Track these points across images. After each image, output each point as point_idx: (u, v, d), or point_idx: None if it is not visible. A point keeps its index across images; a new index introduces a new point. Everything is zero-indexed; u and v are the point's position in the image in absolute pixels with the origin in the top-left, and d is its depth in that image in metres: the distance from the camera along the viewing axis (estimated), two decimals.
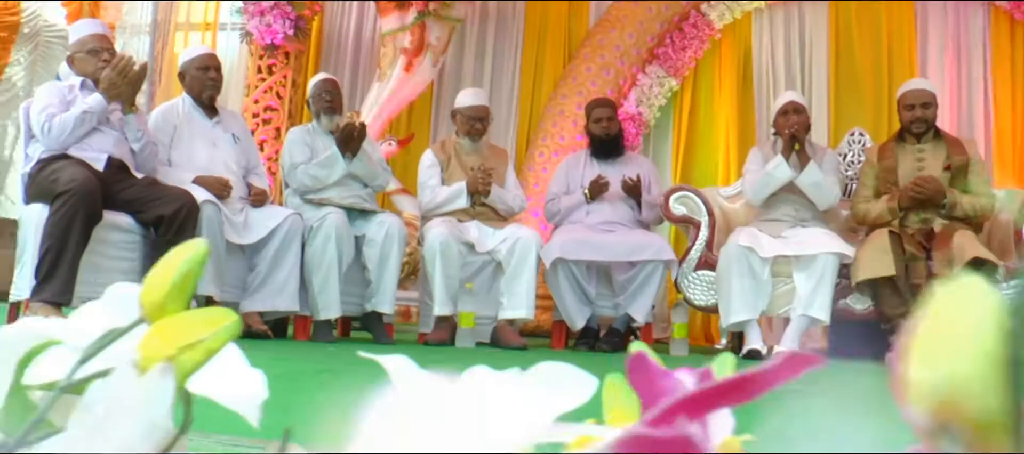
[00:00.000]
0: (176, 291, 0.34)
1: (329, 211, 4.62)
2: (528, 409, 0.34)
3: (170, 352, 0.32)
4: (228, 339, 0.33)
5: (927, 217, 4.72)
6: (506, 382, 0.37)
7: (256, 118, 6.58)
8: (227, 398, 0.36)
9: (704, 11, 6.56)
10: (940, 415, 0.22)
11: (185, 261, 0.35)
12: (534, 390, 0.36)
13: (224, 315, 0.33)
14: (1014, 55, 6.27)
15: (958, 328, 0.23)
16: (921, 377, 0.23)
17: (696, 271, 4.94)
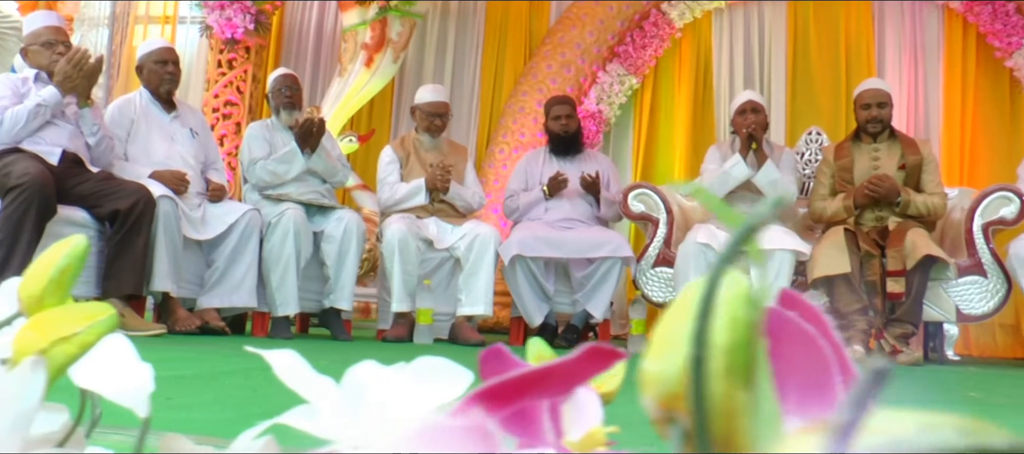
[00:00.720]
0: (54, 285, 0.34)
1: (287, 207, 4.60)
2: (406, 402, 0.35)
3: (43, 345, 0.32)
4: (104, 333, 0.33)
5: (882, 215, 4.80)
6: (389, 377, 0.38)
7: (216, 113, 6.54)
8: (113, 391, 0.36)
9: (664, 10, 6.61)
10: (665, 406, 0.23)
11: (64, 256, 0.35)
12: (413, 384, 0.36)
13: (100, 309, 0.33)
14: (965, 57, 6.38)
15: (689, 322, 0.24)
16: (652, 369, 0.24)
17: (654, 268, 4.97)
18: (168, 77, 4.68)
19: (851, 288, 4.54)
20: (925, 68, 6.46)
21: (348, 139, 6.44)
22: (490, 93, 7.00)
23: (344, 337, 4.65)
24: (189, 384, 2.15)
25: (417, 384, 0.36)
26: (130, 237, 4.04)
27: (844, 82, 6.40)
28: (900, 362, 4.38)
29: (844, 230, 4.61)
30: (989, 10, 6.15)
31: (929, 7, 6.47)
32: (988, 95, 6.37)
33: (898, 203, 4.68)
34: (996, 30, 6.16)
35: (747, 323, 0.23)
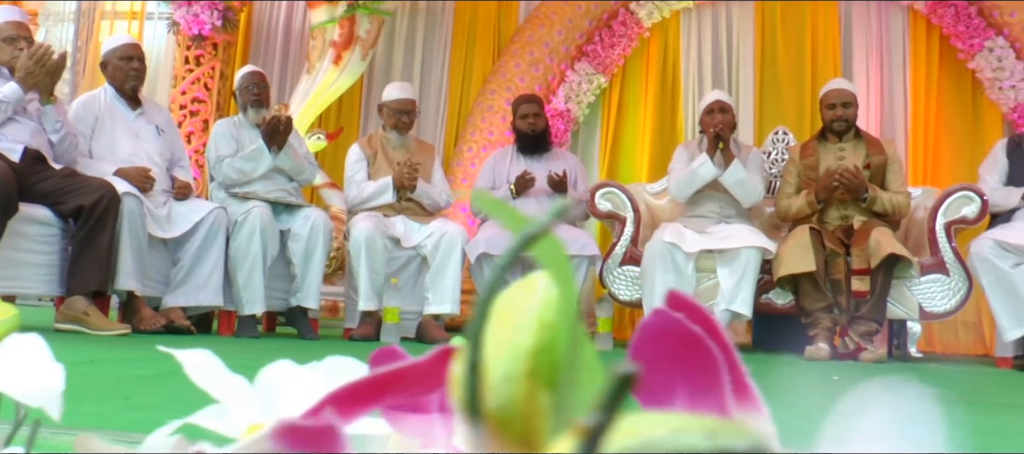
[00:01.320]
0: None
1: (254, 205, 4.58)
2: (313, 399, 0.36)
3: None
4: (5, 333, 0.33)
5: (847, 214, 4.85)
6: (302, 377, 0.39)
7: (184, 110, 6.49)
8: (22, 392, 0.36)
9: (633, 10, 6.63)
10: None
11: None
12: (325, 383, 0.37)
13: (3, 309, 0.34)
14: (929, 58, 6.45)
15: (498, 327, 0.24)
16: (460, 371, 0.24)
17: (621, 266, 4.99)
18: (133, 74, 4.64)
19: (816, 286, 4.58)
20: (890, 69, 6.53)
21: (316, 137, 6.41)
22: (458, 91, 7.00)
23: (311, 336, 4.63)
24: (149, 384, 2.14)
25: (329, 383, 0.37)
26: (95, 233, 4.00)
27: (810, 82, 6.45)
28: (864, 359, 4.43)
29: (809, 229, 4.66)
30: (952, 12, 6.23)
31: (894, 8, 6.53)
32: (951, 96, 6.45)
33: (865, 199, 4.74)
34: (959, 32, 6.24)
35: (554, 327, 0.24)
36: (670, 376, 0.30)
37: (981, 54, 6.19)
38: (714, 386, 0.30)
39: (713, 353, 0.30)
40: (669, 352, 0.30)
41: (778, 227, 5.20)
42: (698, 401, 0.30)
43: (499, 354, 0.23)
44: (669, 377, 0.30)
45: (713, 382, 0.30)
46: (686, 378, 0.30)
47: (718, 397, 0.30)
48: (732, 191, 4.88)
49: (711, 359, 0.30)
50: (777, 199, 5.14)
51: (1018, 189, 4.77)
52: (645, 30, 6.67)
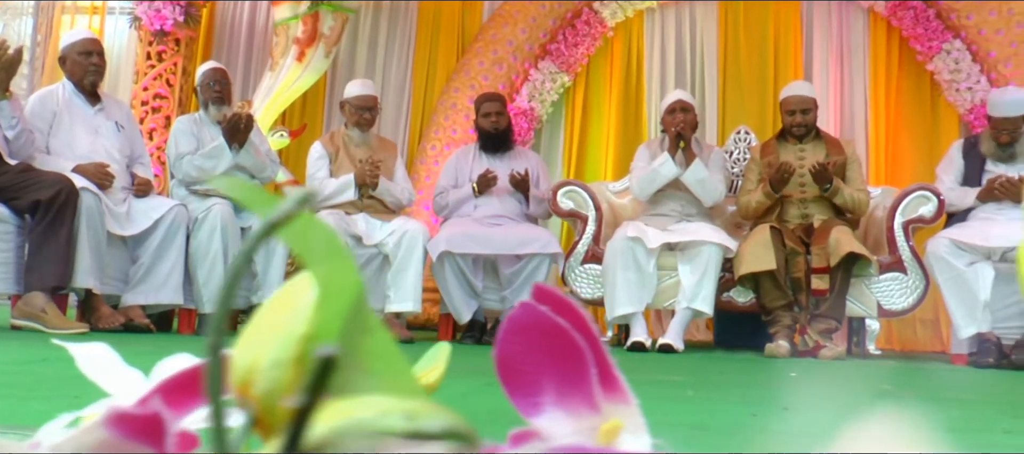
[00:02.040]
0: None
1: (215, 202, 4.55)
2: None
3: None
4: None
5: (807, 213, 4.91)
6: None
7: (145, 106, 6.43)
8: None
9: (597, 9, 6.65)
10: (242, 393, 0.24)
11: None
12: None
13: None
14: (889, 59, 6.53)
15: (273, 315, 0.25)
16: (236, 360, 0.25)
17: (583, 265, 5.01)
18: (92, 69, 4.59)
19: (776, 284, 4.63)
20: (851, 69, 6.60)
21: (279, 134, 6.38)
22: (422, 89, 6.99)
23: None
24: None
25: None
26: (53, 228, 3.96)
27: (773, 82, 6.50)
28: (823, 357, 4.48)
29: (770, 228, 4.70)
30: (911, 15, 6.31)
31: (855, 10, 6.60)
32: (910, 97, 6.52)
33: (827, 188, 4.80)
34: (918, 34, 6.32)
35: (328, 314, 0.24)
36: (538, 368, 0.31)
37: (939, 56, 6.27)
38: (581, 378, 0.31)
39: (579, 346, 0.30)
40: (536, 345, 0.31)
41: (740, 226, 5.25)
42: (566, 393, 0.31)
43: (271, 341, 0.24)
44: (537, 369, 0.31)
45: (580, 374, 0.31)
46: (554, 370, 0.31)
47: (586, 389, 0.31)
48: (693, 190, 4.91)
49: (578, 352, 0.30)
50: (738, 197, 5.19)
51: (973, 189, 4.85)
52: (609, 30, 6.69)
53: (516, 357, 0.31)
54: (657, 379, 3.03)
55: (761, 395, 2.68)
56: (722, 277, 4.80)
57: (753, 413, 2.11)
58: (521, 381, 0.31)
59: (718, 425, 1.87)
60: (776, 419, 2.01)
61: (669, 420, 1.87)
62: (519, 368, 0.31)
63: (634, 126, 6.68)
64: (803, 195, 4.93)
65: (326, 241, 0.25)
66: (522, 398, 0.31)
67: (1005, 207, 4.72)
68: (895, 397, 2.79)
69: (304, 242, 0.25)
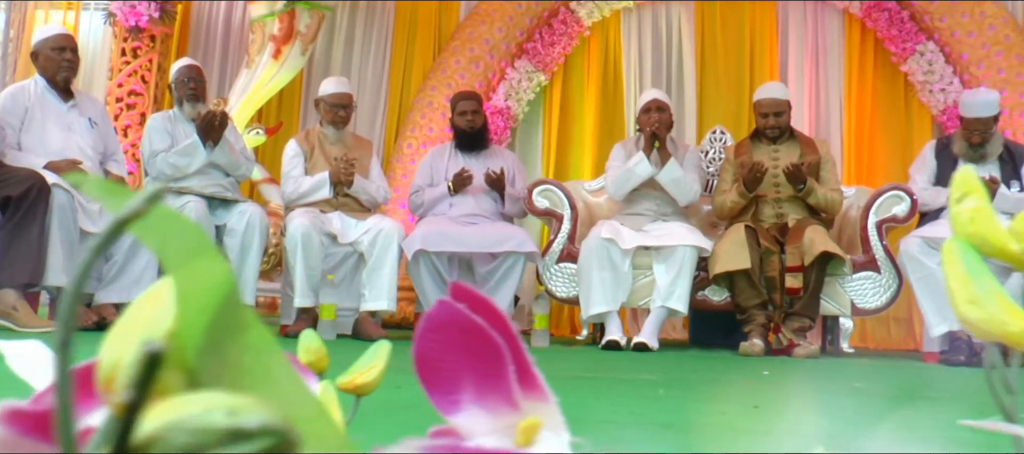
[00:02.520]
0: None
1: (188, 200, 4.52)
2: None
3: None
4: None
5: (781, 213, 4.93)
6: None
7: (120, 103, 6.38)
8: None
9: (573, 8, 6.66)
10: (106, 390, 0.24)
11: None
12: None
13: None
14: (864, 60, 6.57)
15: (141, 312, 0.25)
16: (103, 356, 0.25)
17: (558, 263, 5.02)
18: (65, 65, 4.56)
19: (751, 283, 4.65)
20: (826, 69, 6.64)
21: (255, 131, 6.35)
22: (399, 88, 6.98)
23: None
24: None
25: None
26: (24, 224, 3.93)
27: (749, 82, 6.53)
28: (797, 355, 4.51)
29: (745, 227, 4.73)
30: (886, 16, 6.35)
31: (830, 11, 6.64)
32: (885, 98, 6.57)
33: (801, 188, 4.82)
34: (892, 36, 6.36)
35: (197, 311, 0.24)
36: (457, 366, 0.31)
37: (913, 57, 6.32)
38: (500, 376, 0.31)
39: (497, 344, 0.31)
40: (455, 343, 0.31)
41: (715, 225, 5.27)
42: (485, 390, 0.31)
43: (135, 337, 0.24)
44: (456, 367, 0.31)
45: (499, 372, 0.31)
46: (472, 368, 0.31)
47: (504, 387, 0.31)
48: (668, 189, 4.93)
49: (495, 350, 0.31)
50: (713, 196, 5.21)
51: (946, 189, 4.88)
52: (585, 29, 6.70)
53: (434, 355, 0.31)
54: (630, 378, 3.05)
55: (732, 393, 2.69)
56: (697, 276, 4.82)
57: (722, 411, 2.12)
58: (440, 379, 0.31)
59: (686, 423, 1.88)
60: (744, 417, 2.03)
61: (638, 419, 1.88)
62: (438, 366, 0.31)
63: (612, 125, 6.69)
64: (777, 195, 4.96)
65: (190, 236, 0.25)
66: (441, 396, 0.31)
67: None
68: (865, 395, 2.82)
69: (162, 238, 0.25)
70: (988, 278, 0.39)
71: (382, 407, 1.96)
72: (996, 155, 4.92)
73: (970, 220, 0.39)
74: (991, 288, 0.39)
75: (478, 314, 0.30)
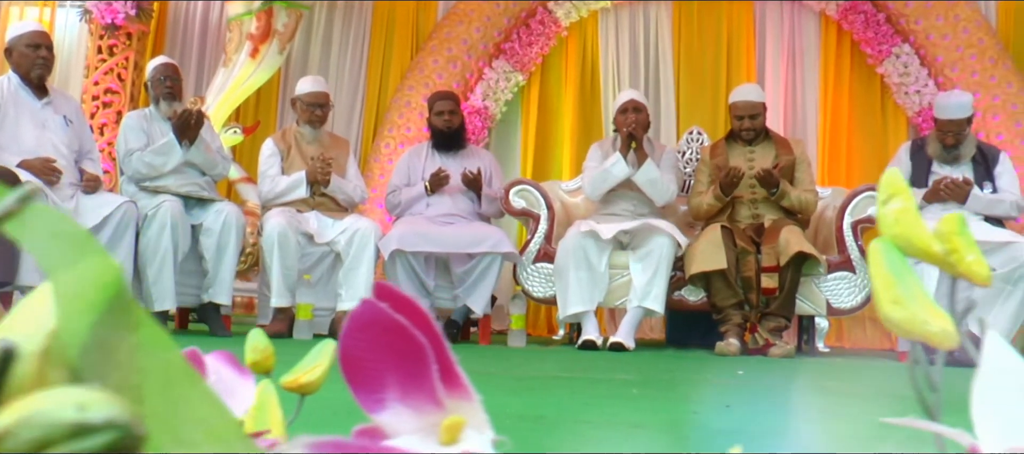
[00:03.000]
0: None
1: (164, 199, 4.50)
2: None
3: None
4: None
5: (757, 213, 4.96)
6: None
7: (96, 101, 6.35)
8: None
9: (551, 9, 6.67)
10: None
11: None
12: None
13: None
14: (840, 62, 6.62)
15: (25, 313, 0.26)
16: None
17: (535, 263, 5.02)
18: (40, 62, 4.52)
19: (727, 283, 4.67)
20: (803, 71, 6.68)
21: (233, 131, 6.32)
22: (376, 87, 6.98)
23: (223, 333, 4.56)
24: None
25: None
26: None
27: (726, 82, 6.56)
28: (773, 354, 4.53)
29: (721, 227, 4.74)
30: (862, 19, 6.40)
31: (807, 13, 6.68)
32: (861, 99, 6.62)
33: (774, 192, 4.85)
34: (868, 38, 6.41)
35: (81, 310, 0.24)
36: (381, 365, 0.31)
37: (889, 60, 6.37)
38: (423, 375, 0.31)
39: (420, 343, 0.31)
40: (379, 342, 0.31)
41: (692, 226, 5.29)
42: (409, 389, 0.31)
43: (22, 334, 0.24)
44: (380, 366, 0.31)
45: (422, 371, 0.31)
46: (396, 367, 0.31)
47: (428, 385, 0.31)
48: (644, 190, 4.94)
49: (419, 349, 0.31)
50: (690, 197, 5.23)
51: (920, 191, 4.92)
52: (563, 29, 6.71)
53: (359, 354, 0.31)
54: (605, 378, 3.05)
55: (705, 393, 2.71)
56: (673, 276, 4.83)
57: (694, 411, 2.13)
58: (365, 377, 0.31)
59: (657, 423, 1.88)
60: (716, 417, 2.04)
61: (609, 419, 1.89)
62: (362, 365, 0.31)
63: (590, 125, 6.70)
64: (753, 196, 4.98)
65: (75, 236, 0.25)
66: (366, 394, 0.32)
67: (950, 208, 4.80)
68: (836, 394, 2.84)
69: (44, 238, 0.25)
70: (911, 279, 0.40)
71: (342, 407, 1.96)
72: (969, 156, 4.96)
73: (895, 221, 0.40)
74: (913, 289, 0.40)
75: (402, 314, 0.31)
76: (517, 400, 2.16)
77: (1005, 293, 4.52)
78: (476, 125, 6.45)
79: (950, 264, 0.39)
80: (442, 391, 0.31)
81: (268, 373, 0.49)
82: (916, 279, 0.40)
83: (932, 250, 0.39)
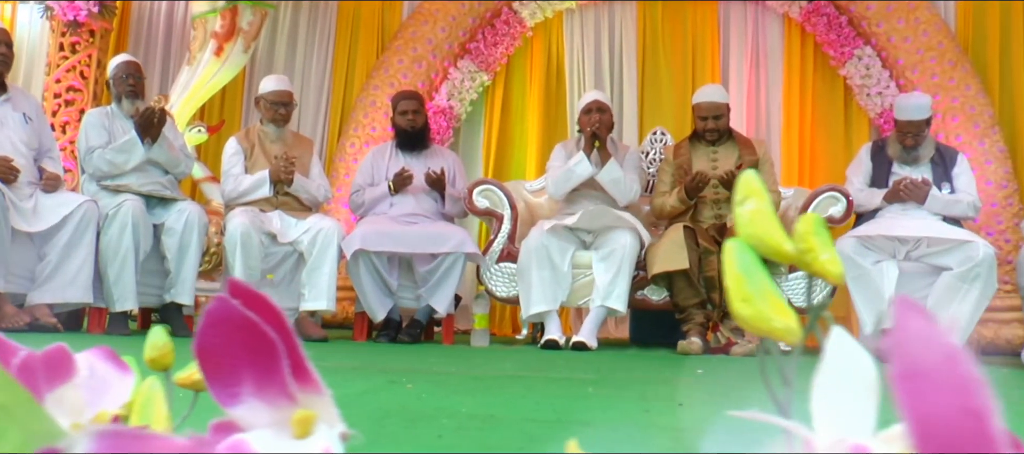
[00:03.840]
0: None
1: (126, 198, 4.47)
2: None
3: None
4: None
5: (720, 213, 5.00)
6: None
7: (58, 99, 6.29)
8: None
9: (516, 9, 6.68)
10: None
11: None
12: None
13: None
14: (804, 63, 6.68)
15: None
16: None
17: (498, 263, 5.04)
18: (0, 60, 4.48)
19: (690, 283, 4.70)
20: (767, 72, 6.73)
21: (197, 130, 6.28)
22: (342, 87, 6.96)
23: (184, 333, 4.53)
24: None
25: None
26: None
27: (691, 83, 6.60)
28: (735, 353, 4.57)
29: (684, 227, 4.77)
30: (825, 21, 6.47)
31: (771, 15, 6.74)
32: (824, 100, 6.68)
33: None
34: (831, 40, 6.48)
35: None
36: (235, 360, 0.32)
37: (851, 62, 6.44)
38: (275, 370, 0.32)
39: (271, 339, 0.32)
40: (232, 338, 0.32)
41: (655, 226, 5.32)
42: (263, 384, 0.32)
43: None
44: (234, 361, 0.32)
45: (274, 366, 0.32)
46: (250, 362, 0.32)
47: (280, 380, 0.32)
48: (608, 189, 4.97)
49: (270, 345, 0.32)
50: (653, 197, 5.26)
51: (881, 190, 4.98)
52: (528, 29, 6.73)
53: (214, 349, 0.32)
54: (563, 376, 3.07)
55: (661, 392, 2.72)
56: (636, 276, 4.86)
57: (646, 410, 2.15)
58: (220, 372, 0.32)
59: (607, 421, 1.90)
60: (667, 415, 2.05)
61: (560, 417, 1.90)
62: (217, 360, 0.32)
63: (554, 125, 6.72)
64: (717, 196, 5.02)
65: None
66: (221, 389, 0.33)
67: (910, 208, 4.87)
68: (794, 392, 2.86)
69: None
70: (761, 277, 0.41)
71: None
72: (928, 157, 5.03)
73: (749, 221, 0.41)
74: (762, 286, 0.41)
75: (254, 311, 0.32)
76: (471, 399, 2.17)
77: (962, 292, 4.59)
78: (441, 125, 6.45)
79: (805, 263, 0.41)
80: (294, 386, 0.32)
81: (166, 370, 0.50)
82: (766, 277, 0.42)
83: (784, 250, 0.41)
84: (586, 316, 4.82)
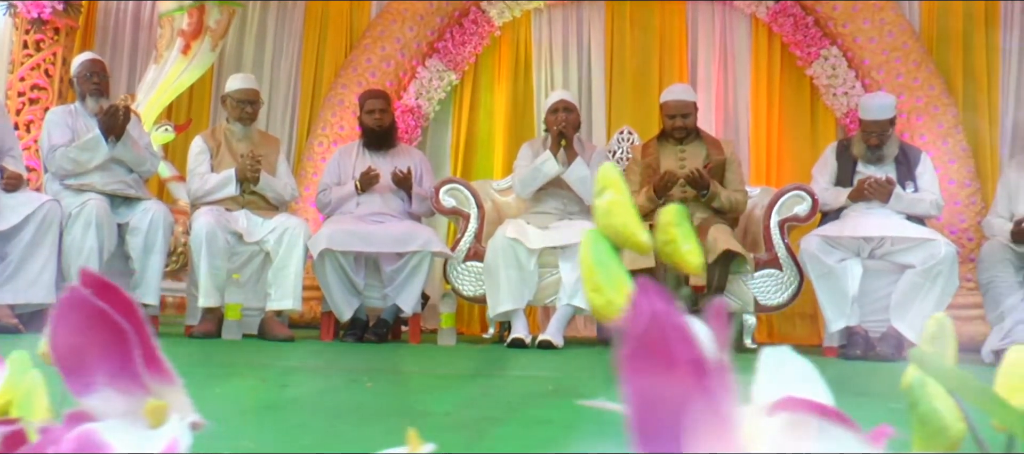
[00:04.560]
0: None
1: (89, 197, 4.43)
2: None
3: None
4: None
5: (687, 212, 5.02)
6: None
7: (22, 97, 6.22)
8: None
9: (484, 8, 6.69)
10: None
11: None
12: None
13: None
14: (771, 64, 6.72)
15: None
16: None
17: (465, 262, 5.04)
18: None
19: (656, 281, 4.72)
20: (734, 72, 6.77)
21: (164, 128, 6.24)
22: (310, 85, 6.94)
23: None
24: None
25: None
26: None
27: (658, 83, 6.62)
28: None
29: (650, 227, 4.78)
30: (791, 22, 6.52)
31: (738, 15, 6.78)
32: (791, 100, 6.73)
33: (704, 193, 4.91)
34: (797, 40, 6.53)
35: None
36: (88, 350, 0.32)
37: (817, 62, 6.49)
38: (128, 360, 0.32)
39: (123, 329, 0.32)
40: (85, 328, 0.32)
41: None
42: (116, 374, 0.33)
43: None
44: (88, 351, 0.32)
45: (126, 356, 0.32)
46: (102, 352, 0.32)
47: (132, 370, 0.32)
48: (574, 188, 4.98)
49: (122, 334, 0.32)
50: None
51: (845, 189, 5.02)
52: (496, 29, 6.74)
53: (68, 339, 0.32)
54: (526, 375, 3.08)
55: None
56: None
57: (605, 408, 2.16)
58: (74, 362, 0.33)
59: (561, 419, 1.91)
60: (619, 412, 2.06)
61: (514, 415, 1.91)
62: (71, 350, 0.32)
63: (522, 125, 6.73)
64: (684, 195, 5.04)
65: None
66: (75, 379, 0.33)
67: (874, 206, 4.92)
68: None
69: None
70: (614, 266, 0.42)
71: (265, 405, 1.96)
72: (893, 157, 5.07)
73: (607, 212, 0.42)
74: (614, 276, 0.42)
75: (106, 301, 0.32)
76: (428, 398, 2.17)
77: (925, 289, 4.64)
78: (409, 124, 6.45)
79: (667, 253, 0.41)
80: (147, 375, 0.32)
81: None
82: (618, 268, 0.43)
83: (640, 241, 0.42)
84: (553, 314, 4.83)
